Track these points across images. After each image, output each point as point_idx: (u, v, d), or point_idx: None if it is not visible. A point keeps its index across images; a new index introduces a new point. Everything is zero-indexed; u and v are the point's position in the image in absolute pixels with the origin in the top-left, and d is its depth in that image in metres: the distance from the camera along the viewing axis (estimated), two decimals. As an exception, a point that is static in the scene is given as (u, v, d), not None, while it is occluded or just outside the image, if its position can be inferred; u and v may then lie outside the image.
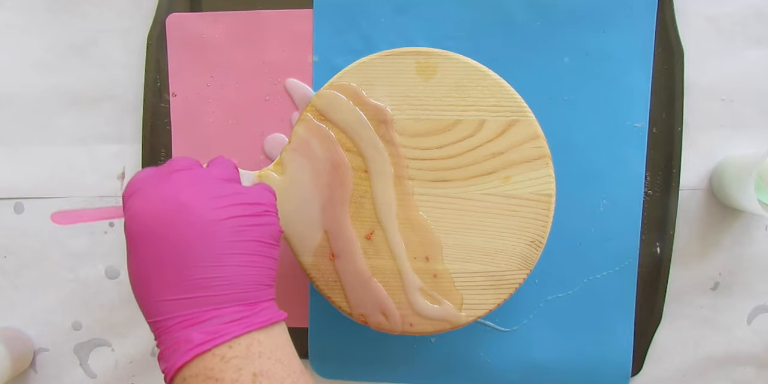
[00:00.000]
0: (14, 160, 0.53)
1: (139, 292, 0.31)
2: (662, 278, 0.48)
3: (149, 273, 0.30)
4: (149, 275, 0.30)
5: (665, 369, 0.49)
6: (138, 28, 0.51)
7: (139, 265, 0.30)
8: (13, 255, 0.54)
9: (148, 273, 0.30)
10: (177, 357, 0.29)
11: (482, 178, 0.41)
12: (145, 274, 0.30)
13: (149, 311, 0.30)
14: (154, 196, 0.30)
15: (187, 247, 0.29)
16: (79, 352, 0.54)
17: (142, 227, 0.30)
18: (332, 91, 0.42)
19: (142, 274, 0.30)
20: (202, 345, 0.29)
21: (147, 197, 0.30)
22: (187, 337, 0.29)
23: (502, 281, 0.41)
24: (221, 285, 0.29)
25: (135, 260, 0.30)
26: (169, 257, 0.29)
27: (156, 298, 0.30)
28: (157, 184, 0.31)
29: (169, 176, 0.31)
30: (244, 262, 0.30)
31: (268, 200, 0.33)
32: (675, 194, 0.47)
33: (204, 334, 0.29)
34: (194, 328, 0.29)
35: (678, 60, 0.47)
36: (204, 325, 0.29)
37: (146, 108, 0.51)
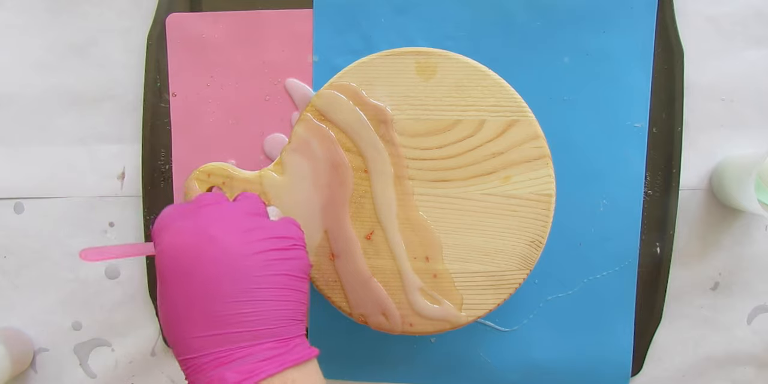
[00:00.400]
0: (14, 160, 0.53)
1: (170, 329, 0.30)
2: (662, 278, 0.48)
3: (178, 309, 0.29)
4: (178, 311, 0.29)
5: (665, 369, 0.49)
6: (138, 28, 0.51)
7: (170, 300, 0.29)
8: (13, 255, 0.54)
9: (177, 309, 0.29)
10: None
11: (482, 178, 0.41)
12: (175, 310, 0.29)
13: (180, 349, 0.29)
14: (183, 230, 0.30)
15: (217, 282, 0.28)
16: (79, 352, 0.54)
17: (171, 262, 0.29)
18: (332, 91, 0.42)
19: (173, 310, 0.29)
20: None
21: (176, 231, 0.30)
22: (221, 377, 0.28)
23: (502, 281, 0.41)
24: (253, 320, 0.29)
25: (166, 296, 0.30)
26: (198, 292, 0.29)
27: (187, 335, 0.29)
28: (185, 218, 0.30)
29: (198, 211, 0.31)
30: (275, 297, 0.30)
31: (296, 234, 0.33)
32: (675, 194, 0.47)
33: (238, 373, 0.28)
34: (228, 367, 0.28)
35: (678, 60, 0.47)
36: (238, 364, 0.28)
37: (146, 108, 0.51)
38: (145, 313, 0.53)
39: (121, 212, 0.52)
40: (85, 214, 0.53)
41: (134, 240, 0.52)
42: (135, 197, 0.52)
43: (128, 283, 0.53)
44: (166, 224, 0.31)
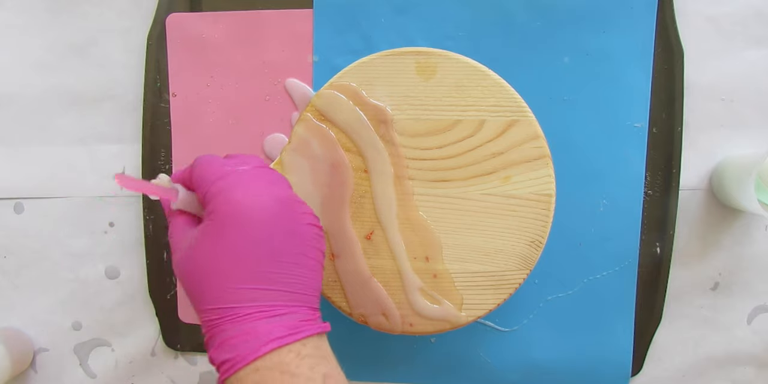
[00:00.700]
0: (14, 160, 0.53)
1: (204, 277, 0.30)
2: (662, 278, 0.48)
3: (224, 259, 0.30)
4: (223, 261, 0.30)
5: (665, 369, 0.49)
6: (138, 28, 0.51)
7: (221, 250, 0.30)
8: (13, 255, 0.54)
9: (227, 259, 0.30)
10: (252, 347, 0.29)
11: (482, 178, 0.41)
12: (223, 259, 0.30)
13: (213, 297, 0.30)
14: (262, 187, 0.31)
15: (280, 242, 0.30)
16: (79, 352, 0.54)
17: (242, 215, 0.30)
18: (332, 91, 0.42)
19: (219, 259, 0.30)
20: (283, 338, 0.29)
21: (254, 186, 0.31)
22: (268, 329, 0.29)
23: (502, 281, 0.41)
24: (298, 283, 0.30)
25: (226, 244, 0.30)
26: (265, 246, 0.30)
27: (227, 285, 0.29)
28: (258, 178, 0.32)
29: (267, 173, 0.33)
30: (314, 267, 0.32)
31: None
32: (675, 194, 0.47)
33: (285, 328, 0.29)
34: (268, 321, 0.29)
35: (678, 60, 0.47)
36: (282, 319, 0.29)
37: (146, 108, 0.51)
38: (145, 313, 0.53)
39: (121, 212, 0.52)
40: (85, 214, 0.53)
41: (135, 242, 0.52)
42: (135, 197, 0.52)
43: (128, 283, 0.53)
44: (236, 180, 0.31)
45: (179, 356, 0.53)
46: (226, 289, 0.30)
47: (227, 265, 0.30)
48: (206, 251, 0.30)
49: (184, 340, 0.52)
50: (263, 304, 0.29)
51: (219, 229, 0.30)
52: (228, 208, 0.30)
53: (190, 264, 0.31)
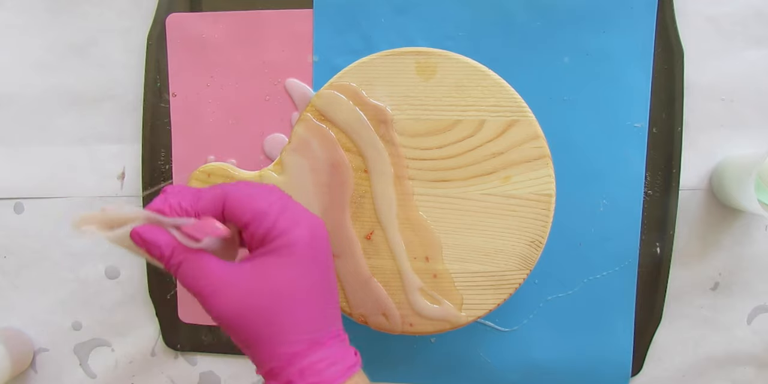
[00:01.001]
0: (14, 160, 0.53)
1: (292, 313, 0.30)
2: (662, 278, 0.48)
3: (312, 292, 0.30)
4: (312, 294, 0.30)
5: (665, 369, 0.49)
6: (138, 28, 0.51)
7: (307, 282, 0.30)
8: (13, 255, 0.54)
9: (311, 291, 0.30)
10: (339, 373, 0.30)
11: (482, 178, 0.41)
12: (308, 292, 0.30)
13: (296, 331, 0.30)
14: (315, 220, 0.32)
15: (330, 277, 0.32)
16: (79, 352, 0.54)
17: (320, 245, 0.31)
18: (332, 91, 0.42)
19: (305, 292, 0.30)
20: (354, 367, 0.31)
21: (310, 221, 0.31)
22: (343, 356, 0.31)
23: (502, 281, 0.41)
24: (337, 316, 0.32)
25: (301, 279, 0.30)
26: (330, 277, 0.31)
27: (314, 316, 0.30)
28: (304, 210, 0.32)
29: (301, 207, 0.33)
30: None
31: None
32: (675, 194, 0.47)
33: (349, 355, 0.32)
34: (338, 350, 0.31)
35: (678, 60, 0.47)
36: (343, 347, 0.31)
37: (146, 108, 0.51)
38: (145, 313, 0.53)
39: (121, 212, 0.52)
40: (85, 214, 0.53)
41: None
42: (135, 197, 0.52)
43: (128, 283, 0.53)
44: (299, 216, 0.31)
45: (179, 356, 0.53)
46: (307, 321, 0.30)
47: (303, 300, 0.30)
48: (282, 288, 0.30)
49: (184, 340, 0.52)
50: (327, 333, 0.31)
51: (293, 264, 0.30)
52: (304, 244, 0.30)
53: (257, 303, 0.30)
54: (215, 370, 0.53)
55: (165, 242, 0.31)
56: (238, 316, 0.30)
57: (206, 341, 0.52)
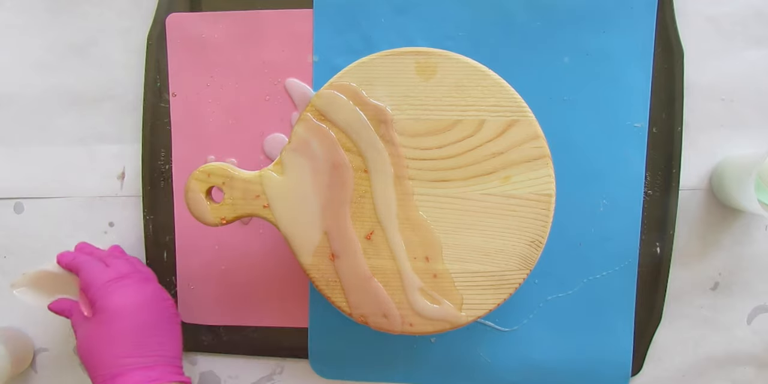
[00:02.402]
0: (14, 160, 0.53)
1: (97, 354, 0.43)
2: (662, 278, 0.48)
3: (112, 340, 0.43)
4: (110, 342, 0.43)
5: (665, 369, 0.49)
6: (138, 28, 0.51)
7: (106, 336, 0.43)
8: (13, 255, 0.54)
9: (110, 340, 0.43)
10: None
11: (482, 178, 0.41)
12: (108, 341, 0.43)
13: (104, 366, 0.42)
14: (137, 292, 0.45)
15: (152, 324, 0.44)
16: (79, 352, 0.54)
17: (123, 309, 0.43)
18: (332, 91, 0.42)
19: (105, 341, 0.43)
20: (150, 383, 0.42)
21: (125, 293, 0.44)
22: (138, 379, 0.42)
23: (502, 281, 0.41)
24: (159, 350, 0.44)
25: (110, 329, 0.43)
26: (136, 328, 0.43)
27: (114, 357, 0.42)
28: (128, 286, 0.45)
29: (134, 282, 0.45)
30: (175, 336, 0.46)
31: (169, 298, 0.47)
32: (675, 194, 0.47)
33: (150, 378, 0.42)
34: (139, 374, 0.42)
35: (678, 60, 0.47)
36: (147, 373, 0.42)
37: (146, 108, 0.51)
38: (145, 313, 0.53)
39: (121, 212, 0.52)
40: (85, 214, 0.53)
41: (135, 242, 0.52)
42: (135, 197, 0.52)
43: (128, 283, 0.53)
44: (113, 285, 0.44)
45: (179, 356, 0.53)
46: (113, 359, 0.42)
47: (112, 344, 0.42)
48: (96, 336, 0.43)
49: (184, 340, 0.52)
50: (135, 367, 0.42)
51: (104, 322, 0.43)
52: (109, 309, 0.43)
53: (87, 345, 0.43)
54: (215, 370, 0.53)
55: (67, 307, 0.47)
56: (80, 357, 0.44)
57: (206, 341, 0.52)
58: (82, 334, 0.44)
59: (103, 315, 0.43)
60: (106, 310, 0.43)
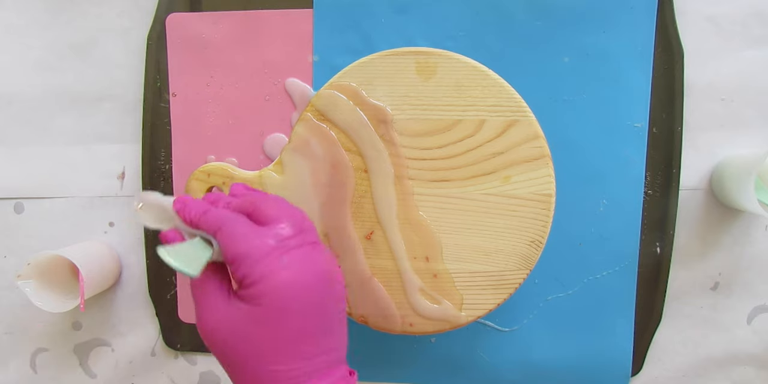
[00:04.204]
0: (14, 160, 0.53)
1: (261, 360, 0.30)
2: (662, 278, 0.48)
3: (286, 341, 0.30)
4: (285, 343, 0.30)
5: (665, 369, 0.49)
6: (138, 28, 0.51)
7: (279, 333, 0.30)
8: (13, 255, 0.54)
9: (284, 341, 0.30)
10: None
11: (482, 178, 0.41)
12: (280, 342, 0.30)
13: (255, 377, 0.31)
14: (306, 266, 0.31)
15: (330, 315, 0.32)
16: (79, 352, 0.54)
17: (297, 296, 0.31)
18: (332, 91, 0.42)
19: (276, 342, 0.30)
20: None
21: (298, 268, 0.31)
22: None
23: (502, 281, 0.41)
24: (340, 347, 0.33)
25: (273, 329, 0.30)
26: (314, 325, 0.31)
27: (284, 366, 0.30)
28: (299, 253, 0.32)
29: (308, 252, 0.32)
30: (343, 330, 0.33)
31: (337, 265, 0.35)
32: (675, 194, 0.47)
33: None
34: None
35: (678, 60, 0.47)
36: None
37: (146, 108, 0.51)
38: (145, 313, 0.53)
39: (121, 212, 0.52)
40: (85, 214, 0.53)
41: (135, 242, 0.52)
42: (135, 197, 0.52)
43: (128, 283, 0.53)
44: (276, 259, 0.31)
45: (179, 356, 0.53)
46: (266, 371, 0.30)
47: (275, 349, 0.30)
48: (250, 335, 0.30)
49: (184, 340, 0.52)
50: (301, 377, 0.30)
51: (265, 316, 0.30)
52: (275, 295, 0.30)
53: (230, 343, 0.31)
54: (215, 370, 0.53)
55: None
56: (209, 342, 0.32)
57: (206, 341, 0.52)
58: (224, 317, 0.31)
59: (265, 303, 0.30)
60: (269, 296, 0.30)
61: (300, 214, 0.34)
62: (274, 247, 0.31)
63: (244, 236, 0.31)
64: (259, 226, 0.32)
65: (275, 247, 0.31)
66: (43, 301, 0.47)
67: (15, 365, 0.54)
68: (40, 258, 0.47)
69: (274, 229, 0.32)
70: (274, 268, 0.30)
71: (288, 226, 0.32)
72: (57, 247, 0.49)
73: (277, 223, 0.32)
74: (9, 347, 0.54)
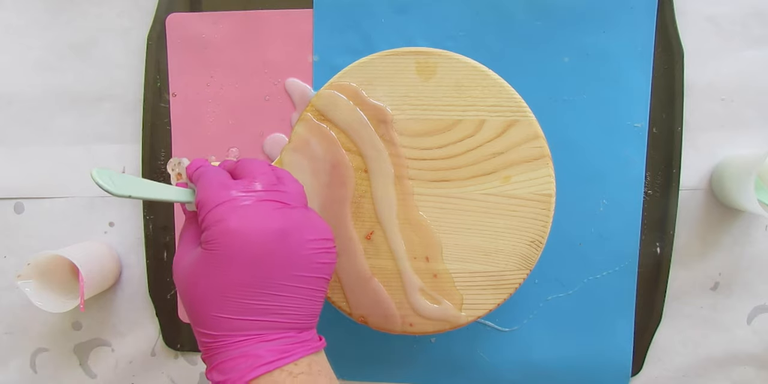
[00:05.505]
0: (14, 160, 0.53)
1: (205, 305, 0.31)
2: (662, 278, 0.48)
3: (228, 290, 0.31)
4: (227, 292, 0.31)
5: (665, 369, 0.49)
6: (138, 28, 0.51)
7: (213, 282, 0.31)
8: (13, 255, 0.54)
9: (218, 291, 0.31)
10: (245, 371, 0.30)
11: (482, 178, 0.41)
12: (215, 290, 0.31)
13: (209, 325, 0.31)
14: (259, 219, 0.31)
15: (277, 276, 0.31)
16: (79, 352, 0.54)
17: (241, 245, 0.31)
18: (332, 91, 0.42)
19: (210, 290, 0.31)
20: (273, 363, 0.30)
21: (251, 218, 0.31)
22: (257, 354, 0.30)
23: (502, 281, 0.41)
24: (290, 313, 0.32)
25: (217, 275, 0.31)
26: (257, 280, 0.31)
27: (225, 315, 0.31)
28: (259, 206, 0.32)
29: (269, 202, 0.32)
30: (311, 296, 0.32)
31: (331, 233, 0.34)
32: (675, 194, 0.47)
33: (273, 352, 0.31)
34: (262, 346, 0.31)
35: (678, 60, 0.47)
36: (271, 344, 0.31)
37: (146, 108, 0.51)
38: (145, 313, 0.53)
39: (121, 212, 0.52)
40: (85, 214, 0.53)
41: (135, 242, 0.52)
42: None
43: (128, 283, 0.53)
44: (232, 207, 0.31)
45: (179, 356, 0.53)
46: (217, 318, 0.31)
47: (218, 297, 0.31)
48: (199, 279, 0.31)
49: (184, 340, 0.52)
50: (252, 332, 0.31)
51: (212, 261, 0.31)
52: (221, 241, 0.31)
53: (187, 286, 0.32)
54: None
55: None
56: (177, 287, 0.33)
57: (206, 341, 0.52)
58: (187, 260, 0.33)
59: (210, 250, 0.31)
60: (214, 243, 0.31)
61: (290, 180, 0.35)
62: (235, 197, 0.32)
63: (211, 185, 0.33)
64: (233, 180, 0.34)
65: (235, 198, 0.32)
66: (43, 301, 0.47)
67: (15, 365, 0.55)
68: (40, 258, 0.47)
69: (242, 183, 0.33)
70: (226, 216, 0.31)
71: (260, 183, 0.33)
72: (57, 247, 0.49)
73: (250, 179, 0.33)
74: (9, 347, 0.54)
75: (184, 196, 0.35)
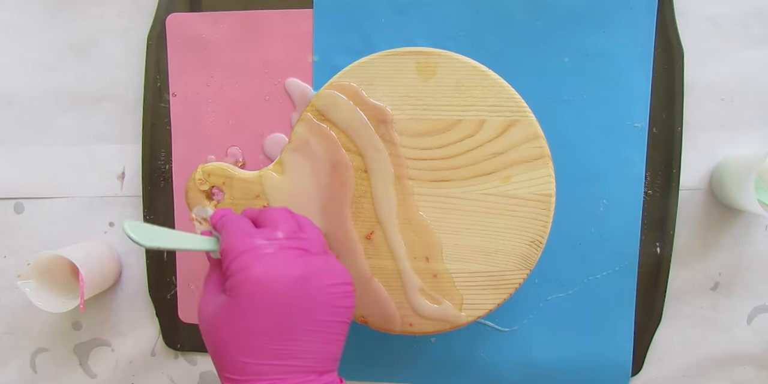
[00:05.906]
0: (14, 160, 0.53)
1: (229, 350, 0.32)
2: (662, 278, 0.48)
3: (251, 336, 0.32)
4: (251, 338, 0.32)
5: (665, 369, 0.49)
6: (138, 28, 0.51)
7: (236, 328, 0.32)
8: (13, 255, 0.54)
9: (241, 336, 0.32)
10: None
11: (482, 178, 0.41)
12: (238, 336, 0.32)
13: (235, 369, 0.32)
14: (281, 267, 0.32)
15: (298, 320, 0.32)
16: (79, 352, 0.54)
17: (264, 292, 0.32)
18: (332, 91, 0.42)
19: (234, 335, 0.32)
20: None
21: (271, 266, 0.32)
22: None
23: (502, 281, 0.41)
24: (311, 357, 0.32)
25: (241, 322, 0.32)
26: (279, 326, 0.32)
27: (249, 360, 0.32)
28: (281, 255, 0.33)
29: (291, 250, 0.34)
30: (330, 340, 0.33)
31: (350, 277, 0.35)
32: (675, 194, 0.47)
33: None
34: None
35: (678, 60, 0.47)
36: None
37: (146, 108, 0.51)
38: (145, 313, 0.53)
39: (121, 212, 0.52)
40: (85, 214, 0.53)
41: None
42: (135, 197, 0.52)
43: (128, 283, 0.53)
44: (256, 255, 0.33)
45: (179, 356, 0.53)
46: (240, 363, 0.32)
47: (242, 342, 0.32)
48: (224, 325, 0.32)
49: (184, 340, 0.52)
50: (275, 376, 0.31)
51: (236, 307, 0.32)
52: (245, 288, 0.32)
53: (212, 331, 0.33)
54: (215, 370, 0.53)
55: None
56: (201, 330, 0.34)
57: (206, 341, 0.52)
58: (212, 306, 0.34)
59: (235, 297, 0.32)
60: (238, 290, 0.32)
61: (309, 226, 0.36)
62: (258, 246, 0.33)
63: (235, 233, 0.34)
64: (256, 229, 0.35)
65: (259, 246, 0.33)
66: (43, 301, 0.47)
67: (15, 365, 0.55)
68: (40, 258, 0.47)
69: (266, 231, 0.34)
70: (250, 264, 0.32)
71: (281, 231, 0.34)
72: (57, 247, 0.49)
73: (273, 227, 0.35)
74: (9, 347, 0.54)
75: (208, 244, 0.36)
